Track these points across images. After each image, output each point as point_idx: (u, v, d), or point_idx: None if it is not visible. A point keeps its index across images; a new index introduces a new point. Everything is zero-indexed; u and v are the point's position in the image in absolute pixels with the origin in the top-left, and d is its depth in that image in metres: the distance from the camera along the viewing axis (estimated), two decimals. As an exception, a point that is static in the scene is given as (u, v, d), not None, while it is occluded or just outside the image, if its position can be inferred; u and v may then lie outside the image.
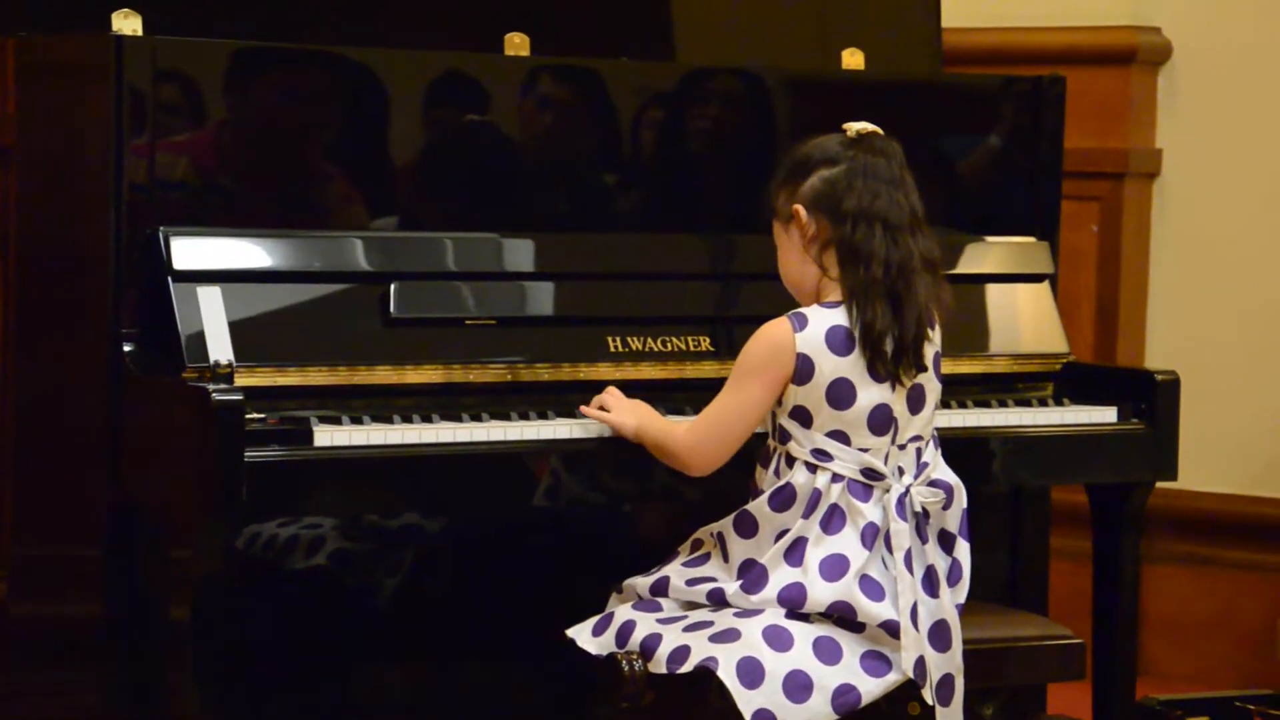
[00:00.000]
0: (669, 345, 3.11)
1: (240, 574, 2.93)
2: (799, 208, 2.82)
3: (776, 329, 2.80)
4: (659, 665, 2.75)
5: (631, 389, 3.02)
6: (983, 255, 3.40)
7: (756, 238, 3.06)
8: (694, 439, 2.83)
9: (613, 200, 3.25)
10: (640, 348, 3.09)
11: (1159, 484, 3.33)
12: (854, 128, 2.84)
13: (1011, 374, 3.34)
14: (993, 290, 3.37)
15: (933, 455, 2.85)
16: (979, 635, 2.90)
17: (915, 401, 2.82)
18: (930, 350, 2.84)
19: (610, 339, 3.08)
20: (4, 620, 3.24)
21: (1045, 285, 3.42)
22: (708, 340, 3.13)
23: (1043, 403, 3.31)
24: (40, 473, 3.13)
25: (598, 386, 3.03)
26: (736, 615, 2.76)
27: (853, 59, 3.54)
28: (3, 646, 3.23)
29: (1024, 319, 3.39)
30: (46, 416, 3.11)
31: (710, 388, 3.03)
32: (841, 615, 2.74)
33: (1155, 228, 4.19)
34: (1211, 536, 4.09)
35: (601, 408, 2.94)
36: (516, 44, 3.24)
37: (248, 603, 2.96)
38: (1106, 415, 3.28)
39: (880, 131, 2.84)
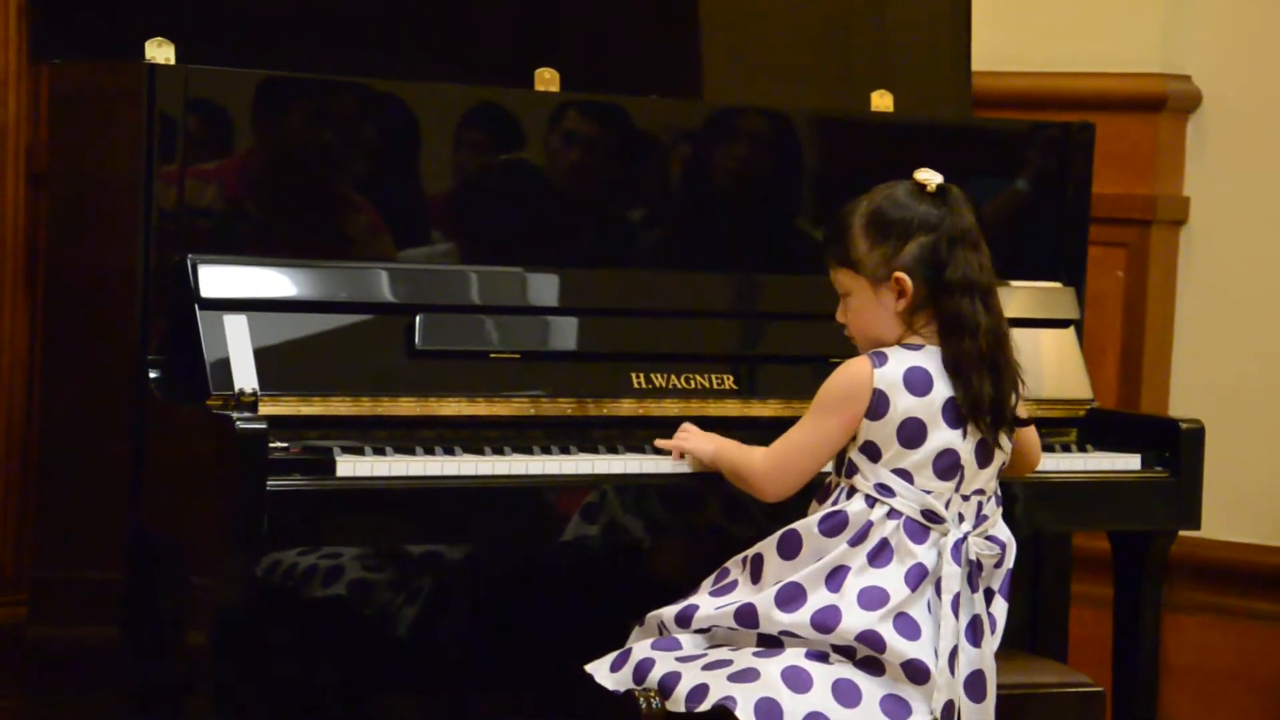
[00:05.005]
0: (692, 383, 3.11)
1: (259, 601, 2.93)
2: (903, 276, 2.79)
3: (856, 366, 2.81)
4: (677, 704, 2.74)
5: (653, 426, 3.02)
6: (1008, 300, 3.36)
7: (782, 278, 3.06)
8: (770, 465, 2.85)
9: (638, 237, 3.25)
10: (664, 384, 3.09)
11: (1181, 532, 3.31)
12: (932, 182, 2.81)
13: (1035, 419, 3.33)
14: (1018, 335, 3.33)
15: (993, 510, 2.85)
16: (999, 681, 2.88)
17: (984, 455, 2.82)
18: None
19: (634, 375, 3.08)
20: (22, 643, 3.24)
21: (1070, 331, 3.41)
22: (731, 379, 3.13)
23: (1066, 448, 3.30)
24: (63, 496, 3.14)
25: (620, 422, 3.03)
26: (756, 655, 2.75)
27: (882, 100, 3.54)
28: (21, 669, 3.24)
29: (1048, 364, 3.38)
30: (71, 439, 3.12)
31: (732, 426, 3.03)
32: (869, 648, 2.73)
33: (1181, 275, 4.17)
34: (1234, 586, 4.06)
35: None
36: (546, 79, 3.25)
37: (266, 630, 2.96)
38: (1130, 463, 3.27)
39: (951, 185, 2.81)
